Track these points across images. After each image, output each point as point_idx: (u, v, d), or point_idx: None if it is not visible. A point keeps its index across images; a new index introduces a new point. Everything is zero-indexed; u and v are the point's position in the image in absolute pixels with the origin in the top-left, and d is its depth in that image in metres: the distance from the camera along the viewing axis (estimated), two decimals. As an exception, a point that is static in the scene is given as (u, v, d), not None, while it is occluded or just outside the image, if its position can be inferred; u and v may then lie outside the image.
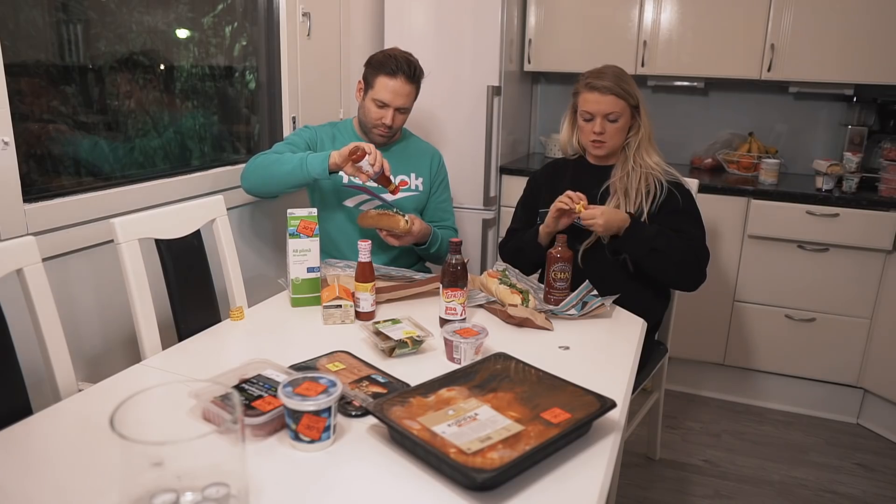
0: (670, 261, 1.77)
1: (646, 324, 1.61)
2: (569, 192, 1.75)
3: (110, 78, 1.88)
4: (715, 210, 2.63)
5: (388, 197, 2.06)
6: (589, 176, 1.92)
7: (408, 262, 2.13)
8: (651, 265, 1.79)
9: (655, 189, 1.82)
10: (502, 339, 1.44)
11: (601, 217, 1.70)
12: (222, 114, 2.34)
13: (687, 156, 3.17)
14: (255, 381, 1.13)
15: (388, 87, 1.95)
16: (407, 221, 1.88)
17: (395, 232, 1.90)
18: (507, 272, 1.74)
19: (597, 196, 1.86)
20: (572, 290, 1.66)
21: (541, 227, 1.85)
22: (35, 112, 1.67)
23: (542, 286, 1.70)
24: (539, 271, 1.96)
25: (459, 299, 1.49)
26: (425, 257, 2.15)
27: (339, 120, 2.31)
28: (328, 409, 0.99)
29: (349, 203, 2.06)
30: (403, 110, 2.01)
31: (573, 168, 1.99)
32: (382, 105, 1.97)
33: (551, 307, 1.62)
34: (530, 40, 3.02)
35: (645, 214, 1.80)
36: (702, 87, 3.04)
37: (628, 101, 1.83)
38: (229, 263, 1.70)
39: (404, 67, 1.95)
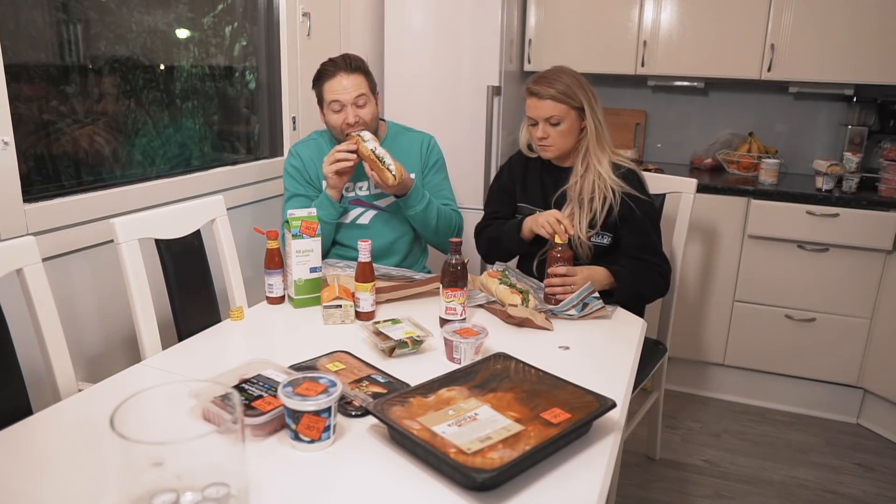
0: (648, 293, 1.85)
1: (646, 324, 1.61)
2: (553, 216, 1.72)
3: (110, 78, 1.88)
4: (715, 210, 2.63)
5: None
6: (550, 176, 1.92)
7: (409, 262, 2.13)
8: (634, 302, 1.79)
9: (609, 199, 1.80)
10: (502, 339, 1.44)
11: (579, 276, 1.66)
12: (222, 114, 2.34)
13: (687, 156, 3.17)
14: (255, 381, 1.13)
15: (333, 87, 1.92)
16: (395, 177, 1.83)
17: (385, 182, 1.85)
18: (507, 272, 1.74)
19: (551, 203, 1.86)
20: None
21: (524, 225, 1.83)
22: (35, 112, 1.67)
23: (542, 286, 1.70)
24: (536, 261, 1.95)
25: (459, 299, 1.49)
26: (424, 235, 2.07)
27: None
28: (328, 409, 0.99)
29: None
30: (362, 102, 1.95)
31: (539, 166, 1.96)
32: (339, 108, 1.93)
33: (551, 307, 1.62)
34: (530, 40, 3.02)
35: (598, 225, 1.79)
36: (702, 87, 3.04)
37: (569, 104, 1.79)
38: (229, 263, 1.70)
39: (339, 63, 1.93)
